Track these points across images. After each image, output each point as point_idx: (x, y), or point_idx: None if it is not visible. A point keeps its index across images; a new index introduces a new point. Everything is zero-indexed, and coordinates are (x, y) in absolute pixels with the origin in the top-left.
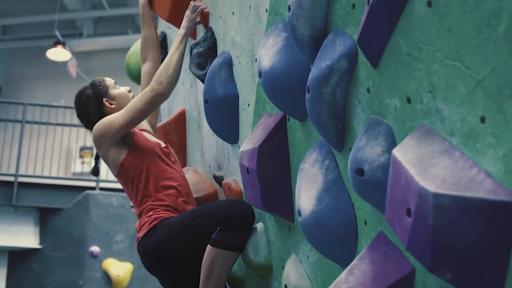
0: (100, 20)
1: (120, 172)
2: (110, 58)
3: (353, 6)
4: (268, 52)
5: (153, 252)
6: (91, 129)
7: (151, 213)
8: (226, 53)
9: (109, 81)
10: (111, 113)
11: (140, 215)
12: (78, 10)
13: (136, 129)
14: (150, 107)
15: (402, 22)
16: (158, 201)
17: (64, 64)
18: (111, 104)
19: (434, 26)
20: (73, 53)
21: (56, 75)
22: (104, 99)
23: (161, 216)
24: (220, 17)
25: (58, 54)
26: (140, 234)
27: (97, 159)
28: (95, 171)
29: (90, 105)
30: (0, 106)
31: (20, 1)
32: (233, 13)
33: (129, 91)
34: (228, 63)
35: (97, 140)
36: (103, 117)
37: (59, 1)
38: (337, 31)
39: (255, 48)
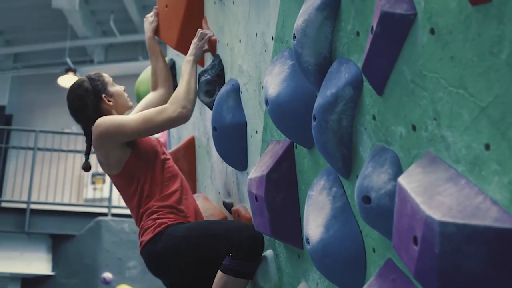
0: (111, 47)
1: (123, 171)
2: (120, 84)
3: (357, 33)
4: (274, 80)
5: (158, 258)
6: (83, 124)
7: (155, 216)
8: (234, 81)
9: (107, 77)
10: (107, 110)
11: (141, 218)
12: (89, 37)
13: None
14: (168, 126)
15: (405, 50)
16: (161, 201)
17: None
18: (109, 101)
19: (437, 54)
20: None
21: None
22: (103, 95)
23: (166, 222)
24: (227, 44)
25: (69, 81)
26: (144, 238)
27: (87, 154)
28: (87, 167)
29: (89, 99)
30: (12, 133)
31: (31, 29)
32: (240, 41)
33: (124, 91)
34: (236, 91)
35: (101, 138)
36: (98, 113)
37: (70, 28)
38: (342, 58)
39: (262, 75)
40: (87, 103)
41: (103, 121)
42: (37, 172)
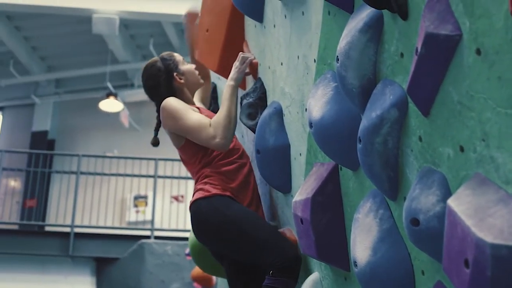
0: None
1: (185, 145)
2: None
3: (401, 55)
4: (318, 103)
5: (199, 222)
6: (156, 101)
7: (206, 180)
8: (276, 103)
9: (178, 56)
10: (179, 87)
11: (196, 181)
12: (129, 62)
13: (200, 107)
14: (204, 146)
15: (451, 71)
16: (216, 168)
17: (116, 114)
18: (180, 79)
19: (484, 74)
20: (125, 103)
21: (109, 126)
22: (175, 73)
23: (214, 192)
24: (269, 67)
25: (110, 105)
26: (193, 198)
27: (157, 130)
28: (155, 142)
29: (161, 78)
30: (55, 158)
31: (73, 55)
32: (281, 64)
33: (195, 69)
34: (278, 113)
35: (167, 118)
36: (171, 90)
37: (110, 53)
38: (386, 80)
39: (305, 97)
40: (159, 82)
41: (166, 106)
42: (80, 196)
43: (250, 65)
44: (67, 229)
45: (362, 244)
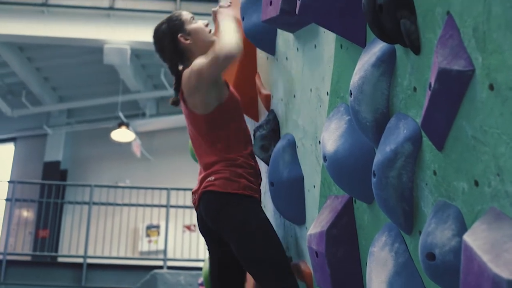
0: (162, 100)
1: (211, 114)
2: (173, 137)
3: (414, 89)
4: (332, 136)
5: (224, 214)
6: (167, 63)
7: (240, 171)
8: (289, 135)
9: (185, 15)
10: (187, 48)
11: (217, 163)
12: (140, 91)
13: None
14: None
15: (465, 106)
16: (246, 158)
17: (128, 144)
18: (186, 39)
19: (497, 109)
20: (136, 133)
21: (121, 155)
22: (179, 35)
23: (248, 193)
24: (282, 100)
25: (122, 135)
26: (222, 185)
27: (176, 90)
28: (175, 101)
29: (165, 41)
30: (67, 188)
31: (84, 85)
32: (294, 96)
33: (207, 25)
34: (292, 145)
35: (191, 85)
36: (178, 53)
37: (122, 83)
38: (400, 114)
39: (318, 130)
40: (164, 45)
41: (190, 71)
42: (93, 226)
43: (263, 97)
44: (80, 260)
45: (378, 278)
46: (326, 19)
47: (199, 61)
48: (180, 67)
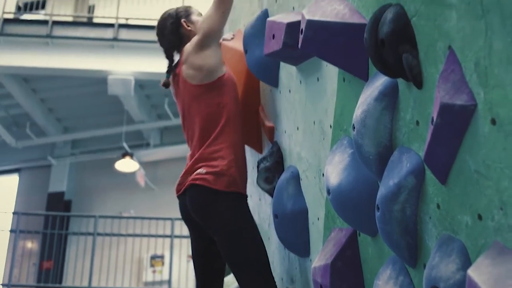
0: (166, 130)
1: (213, 83)
2: (177, 167)
3: (417, 123)
4: (335, 169)
5: (212, 210)
6: (164, 45)
7: (232, 163)
8: (293, 168)
9: (195, 9)
10: (185, 34)
11: (214, 143)
12: (144, 122)
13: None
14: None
15: (467, 140)
16: (240, 150)
17: (132, 174)
18: (188, 26)
19: (500, 144)
20: (140, 163)
21: (125, 186)
22: (183, 20)
23: (237, 190)
24: (285, 131)
25: (126, 165)
26: (206, 177)
27: (169, 73)
28: (167, 83)
29: (168, 22)
30: (71, 219)
31: (88, 116)
32: (297, 128)
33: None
34: (295, 178)
35: (208, 35)
36: (177, 36)
37: (126, 113)
38: (403, 147)
39: (322, 162)
40: (166, 25)
41: (201, 25)
42: (97, 257)
43: (266, 128)
44: None
45: None
46: (328, 53)
47: (202, 17)
48: (175, 53)
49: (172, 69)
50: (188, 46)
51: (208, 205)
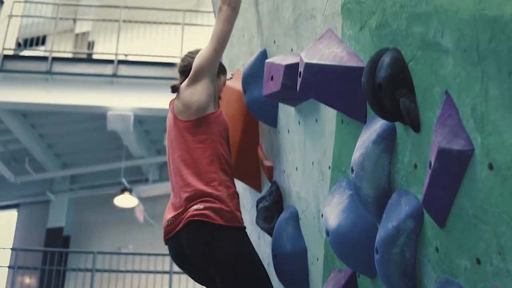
0: (165, 165)
1: (202, 118)
2: None
3: (415, 166)
4: (334, 211)
5: (211, 248)
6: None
7: (228, 198)
8: (292, 207)
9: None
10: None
11: (203, 179)
12: (143, 157)
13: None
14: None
15: (465, 184)
16: (232, 186)
17: (131, 210)
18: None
19: (497, 189)
20: (139, 198)
21: (124, 221)
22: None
23: (237, 225)
24: (284, 171)
25: (125, 200)
26: (206, 212)
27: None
28: (175, 88)
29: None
30: (70, 255)
31: (87, 151)
32: (296, 169)
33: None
34: (295, 218)
35: (199, 71)
36: None
37: (125, 149)
38: (401, 190)
39: (320, 203)
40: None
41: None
42: None
43: (266, 168)
44: None
45: None
46: (326, 96)
47: (198, 54)
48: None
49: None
50: (184, 82)
51: (211, 241)
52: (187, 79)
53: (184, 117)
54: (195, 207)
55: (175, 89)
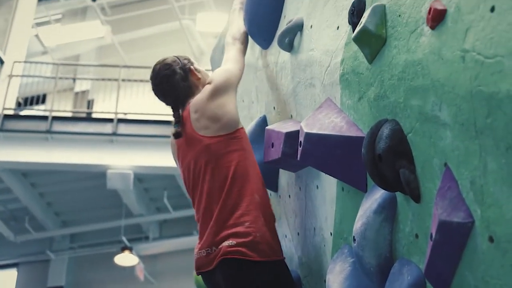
0: (165, 223)
1: (233, 134)
2: (176, 260)
3: (416, 236)
4: (337, 279)
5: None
6: (171, 94)
7: (260, 223)
8: (294, 272)
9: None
10: (194, 83)
11: (233, 204)
12: (143, 215)
13: None
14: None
15: (466, 256)
16: (265, 206)
17: (131, 268)
18: (198, 74)
19: (498, 261)
20: (140, 257)
21: (124, 280)
22: (192, 67)
23: (277, 258)
24: (286, 236)
25: (125, 259)
26: (240, 249)
27: (178, 123)
28: (178, 132)
29: (177, 67)
30: None
31: (87, 210)
32: (298, 234)
33: None
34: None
35: (223, 87)
36: (187, 83)
37: (125, 207)
38: (403, 259)
39: (322, 269)
40: (175, 70)
41: (220, 72)
42: None
43: None
44: None
45: None
46: (327, 165)
47: (217, 71)
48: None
49: (180, 119)
50: (200, 96)
51: (252, 281)
52: (206, 94)
53: (210, 132)
54: (226, 243)
55: (178, 135)
